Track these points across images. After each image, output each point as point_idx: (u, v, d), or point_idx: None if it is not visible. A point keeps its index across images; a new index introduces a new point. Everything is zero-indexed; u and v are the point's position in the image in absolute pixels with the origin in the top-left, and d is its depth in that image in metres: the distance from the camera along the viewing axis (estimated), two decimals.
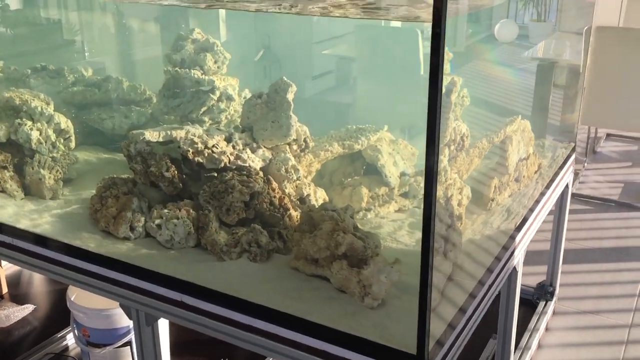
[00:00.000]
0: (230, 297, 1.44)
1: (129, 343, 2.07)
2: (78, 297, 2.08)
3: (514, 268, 1.83)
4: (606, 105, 3.22)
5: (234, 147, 1.66)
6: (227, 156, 1.62)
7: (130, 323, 2.05)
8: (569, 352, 2.46)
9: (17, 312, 2.50)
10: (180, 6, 2.41)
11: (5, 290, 2.71)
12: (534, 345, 2.41)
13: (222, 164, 1.62)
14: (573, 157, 2.46)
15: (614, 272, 3.01)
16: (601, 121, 3.54)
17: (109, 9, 2.96)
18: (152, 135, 1.63)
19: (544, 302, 2.63)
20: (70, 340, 2.37)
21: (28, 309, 2.54)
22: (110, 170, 2.03)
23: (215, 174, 1.67)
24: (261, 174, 1.63)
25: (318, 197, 1.74)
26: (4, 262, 2.78)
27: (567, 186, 2.43)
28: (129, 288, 1.56)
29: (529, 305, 2.63)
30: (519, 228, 1.80)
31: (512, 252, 1.76)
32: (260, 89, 2.12)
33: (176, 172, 1.63)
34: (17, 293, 2.77)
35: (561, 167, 2.27)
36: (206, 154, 1.62)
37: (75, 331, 2.11)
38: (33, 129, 1.79)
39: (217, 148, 1.63)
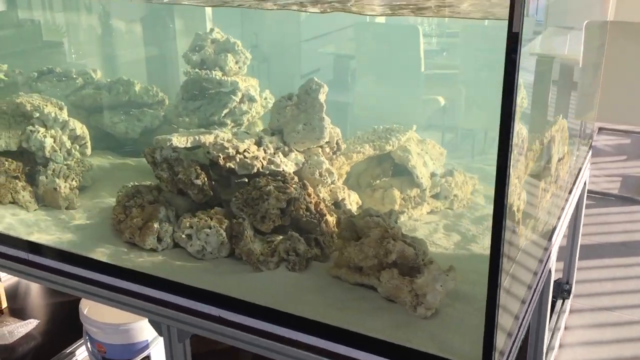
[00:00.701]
0: (271, 310, 1.37)
1: (147, 358, 1.98)
2: (91, 310, 1.98)
3: (549, 270, 1.79)
4: (624, 101, 3.21)
5: (265, 151, 1.59)
6: (260, 161, 1.54)
7: (148, 337, 1.96)
8: (590, 351, 2.43)
9: (21, 328, 2.38)
10: (191, 5, 2.32)
11: (4, 304, 2.58)
12: (557, 344, 2.39)
13: (255, 170, 1.54)
14: (590, 153, 2.44)
15: (624, 267, 3.00)
16: (617, 117, 3.53)
17: (93, 8, 2.85)
18: (179, 140, 1.55)
19: (562, 301, 2.60)
20: (80, 355, 2.27)
21: (32, 324, 2.43)
22: (124, 176, 1.94)
23: (246, 180, 1.59)
24: (296, 179, 1.55)
25: (351, 200, 1.67)
26: (1, 274, 2.65)
27: (585, 183, 2.40)
28: (159, 303, 1.48)
29: None
30: (554, 229, 1.76)
31: (550, 254, 1.72)
32: None
33: (206, 179, 1.55)
34: (17, 307, 2.64)
35: (582, 164, 2.24)
36: (238, 160, 1.54)
37: (89, 346, 2.02)
38: (47, 136, 1.69)
39: (248, 153, 1.55)
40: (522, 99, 1.32)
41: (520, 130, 1.13)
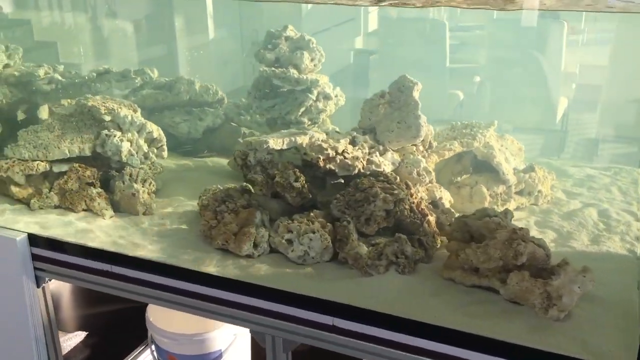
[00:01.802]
0: (393, 316, 1.31)
1: None
2: (158, 319, 1.89)
3: None
4: None
5: (361, 151, 1.52)
6: (360, 161, 1.48)
7: (222, 347, 1.88)
8: None
9: (68, 340, 2.26)
10: None
11: None
12: None
13: (356, 171, 1.47)
14: None
15: None
16: None
17: (96, 6, 2.77)
18: (275, 142, 1.47)
19: None
20: None
21: (79, 336, 2.31)
22: (192, 177, 1.87)
23: (342, 181, 1.52)
24: (398, 179, 1.49)
25: (445, 199, 1.62)
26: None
27: None
28: (263, 313, 1.41)
29: None
30: None
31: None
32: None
33: (304, 181, 1.48)
34: (57, 317, 2.51)
35: None
36: (338, 161, 1.47)
37: (157, 356, 1.92)
38: (123, 139, 1.59)
39: (347, 153, 1.48)
40: None
41: None
